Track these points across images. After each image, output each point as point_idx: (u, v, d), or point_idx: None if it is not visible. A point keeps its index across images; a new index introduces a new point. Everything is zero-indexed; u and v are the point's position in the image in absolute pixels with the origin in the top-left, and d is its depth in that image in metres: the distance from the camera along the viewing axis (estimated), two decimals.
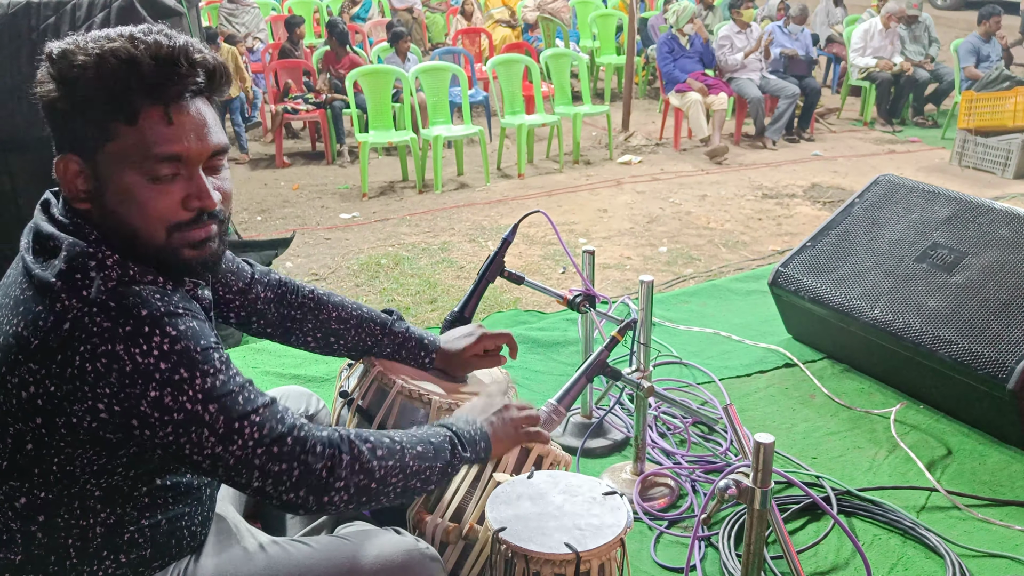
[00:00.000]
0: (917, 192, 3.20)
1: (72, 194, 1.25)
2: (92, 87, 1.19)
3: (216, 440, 1.22)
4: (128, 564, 1.34)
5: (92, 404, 1.17)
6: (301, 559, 1.48)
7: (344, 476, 1.31)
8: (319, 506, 1.31)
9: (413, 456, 1.41)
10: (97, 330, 1.15)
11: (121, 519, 1.31)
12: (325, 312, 1.84)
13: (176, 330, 1.19)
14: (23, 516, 1.24)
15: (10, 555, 1.26)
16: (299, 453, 1.28)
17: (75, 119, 1.22)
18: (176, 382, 1.18)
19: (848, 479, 2.43)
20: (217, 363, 1.23)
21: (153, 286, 1.23)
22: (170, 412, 1.19)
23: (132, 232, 1.24)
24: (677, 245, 4.91)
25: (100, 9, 3.21)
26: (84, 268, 1.19)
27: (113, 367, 1.15)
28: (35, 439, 1.20)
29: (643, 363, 2.28)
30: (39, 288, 1.19)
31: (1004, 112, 6.53)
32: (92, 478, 1.25)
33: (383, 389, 1.92)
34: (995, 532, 2.22)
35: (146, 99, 1.20)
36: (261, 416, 1.26)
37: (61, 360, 1.15)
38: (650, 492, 2.37)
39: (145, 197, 1.22)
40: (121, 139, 1.20)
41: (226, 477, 1.26)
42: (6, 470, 1.23)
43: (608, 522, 1.56)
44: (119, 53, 1.19)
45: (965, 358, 2.59)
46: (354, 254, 4.85)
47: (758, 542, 1.55)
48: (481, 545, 1.78)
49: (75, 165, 1.23)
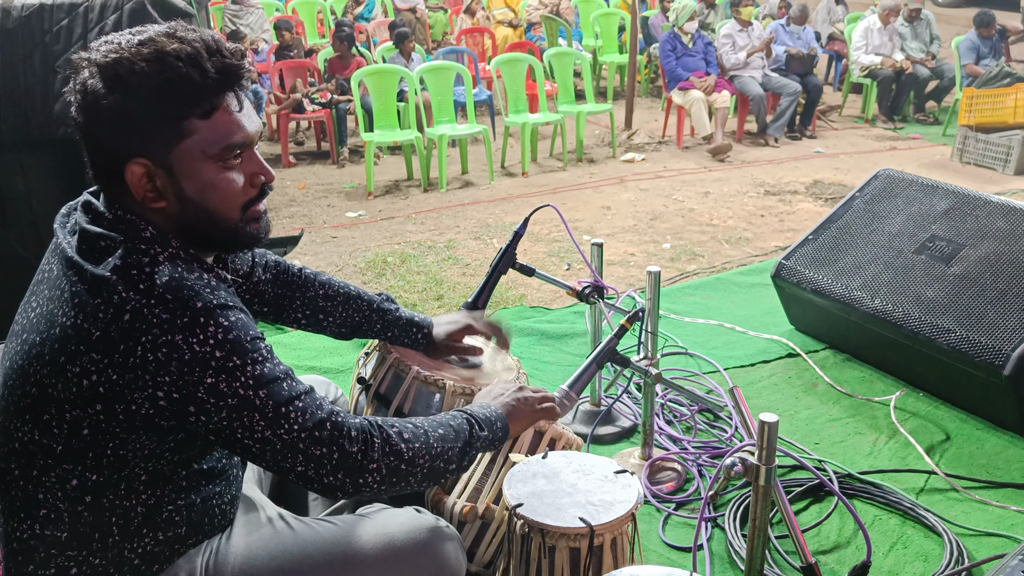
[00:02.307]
0: (916, 186, 3.27)
1: (143, 196, 1.29)
2: (163, 89, 1.24)
3: (265, 424, 1.29)
4: (165, 541, 1.41)
5: (152, 392, 1.23)
6: (327, 536, 1.55)
7: (377, 459, 1.38)
8: (355, 488, 1.38)
9: (436, 438, 1.48)
10: (157, 321, 1.22)
11: (161, 500, 1.38)
12: (312, 290, 1.90)
13: (228, 321, 1.27)
14: (72, 497, 1.31)
15: (56, 532, 1.33)
16: (337, 438, 1.35)
17: (142, 124, 1.25)
18: (230, 369, 1.25)
19: (850, 463, 2.50)
20: (264, 351, 1.31)
21: (200, 281, 1.29)
22: (224, 398, 1.26)
23: (210, 218, 1.33)
24: (680, 242, 4.97)
25: (112, 11, 3.27)
26: (139, 264, 1.26)
27: (173, 356, 1.22)
28: (92, 425, 1.26)
29: (651, 351, 2.36)
30: (94, 282, 1.24)
31: (1004, 108, 6.59)
32: (141, 462, 1.31)
33: (399, 375, 2.00)
34: (991, 512, 2.29)
35: (216, 93, 1.27)
36: (303, 402, 1.33)
37: (124, 350, 1.22)
38: (658, 476, 2.44)
39: (224, 183, 1.32)
40: (197, 134, 1.28)
41: (273, 462, 1.33)
42: (60, 454, 1.28)
43: (620, 498, 1.64)
44: (179, 53, 1.24)
45: (963, 346, 2.67)
46: (361, 252, 4.91)
47: (763, 518, 1.62)
48: (497, 524, 1.86)
49: (141, 168, 1.27)
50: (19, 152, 3.18)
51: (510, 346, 2.12)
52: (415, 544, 1.55)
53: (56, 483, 1.30)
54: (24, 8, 3.23)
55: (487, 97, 7.53)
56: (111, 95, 1.24)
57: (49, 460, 1.29)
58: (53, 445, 1.28)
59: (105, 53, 1.25)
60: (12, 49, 3.11)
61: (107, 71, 1.24)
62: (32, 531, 1.33)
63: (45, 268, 1.38)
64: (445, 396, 1.94)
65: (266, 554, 1.51)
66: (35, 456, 1.30)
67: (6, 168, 3.18)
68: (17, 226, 3.21)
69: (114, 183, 1.31)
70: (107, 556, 1.35)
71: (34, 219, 3.23)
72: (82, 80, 1.26)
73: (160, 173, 1.29)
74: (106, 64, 1.24)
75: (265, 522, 1.58)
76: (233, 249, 1.41)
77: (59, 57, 3.14)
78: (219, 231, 1.35)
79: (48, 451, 1.29)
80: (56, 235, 1.37)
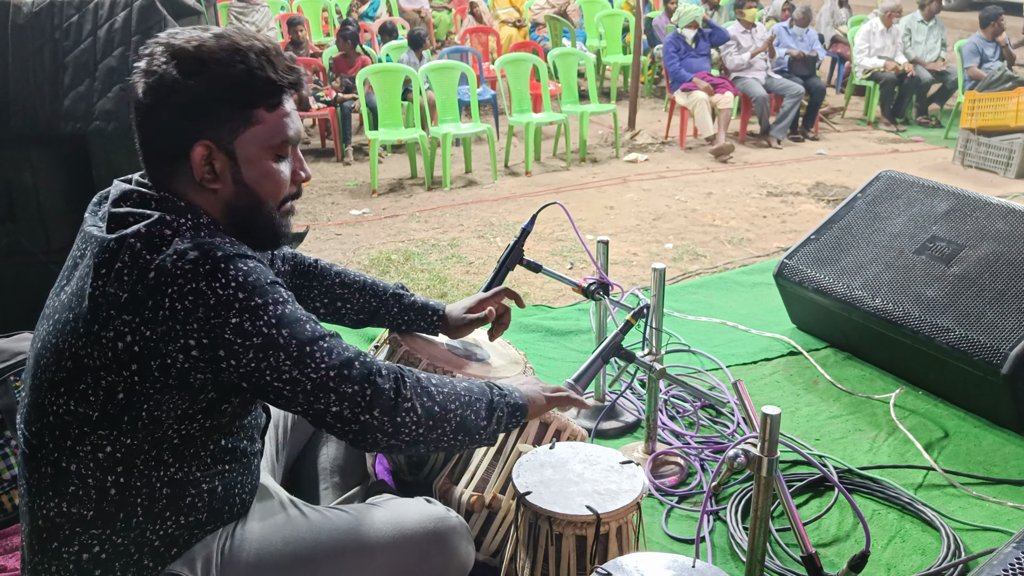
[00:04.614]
0: (917, 187, 3.31)
1: (201, 176, 1.37)
2: (241, 78, 1.34)
3: (292, 363, 1.33)
4: (186, 525, 1.45)
5: (184, 342, 1.28)
6: (339, 524, 1.59)
7: (410, 396, 1.42)
8: (394, 428, 1.41)
9: (462, 388, 1.53)
10: (180, 272, 1.27)
11: (186, 478, 1.42)
12: (329, 279, 1.96)
13: (247, 266, 1.32)
14: (103, 467, 1.35)
15: (83, 510, 1.37)
16: (368, 374, 1.39)
17: (215, 108, 1.35)
18: (252, 308, 1.30)
19: (849, 459, 2.54)
20: (284, 294, 1.36)
21: (221, 239, 1.35)
22: (250, 337, 1.30)
23: (257, 203, 1.42)
24: (683, 242, 5.00)
25: (122, 8, 3.30)
26: (161, 233, 1.32)
27: (199, 302, 1.27)
28: (127, 388, 1.31)
29: (655, 347, 2.40)
30: (117, 247, 1.30)
31: (1007, 112, 6.61)
32: (174, 423, 1.36)
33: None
34: (988, 508, 2.33)
35: (283, 91, 1.38)
36: (328, 343, 1.38)
37: (152, 305, 1.27)
38: (661, 470, 2.48)
39: (275, 173, 1.43)
40: (261, 124, 1.38)
41: (307, 405, 1.36)
42: (96, 420, 1.33)
43: (625, 488, 1.68)
44: (254, 49, 1.35)
45: (962, 345, 2.71)
46: (365, 250, 4.94)
47: (764, 508, 1.65)
48: (504, 513, 1.90)
49: (205, 150, 1.36)
50: (27, 147, 3.20)
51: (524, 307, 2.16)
52: (425, 533, 1.59)
53: (90, 452, 1.34)
54: (34, 4, 3.26)
55: (491, 96, 7.57)
56: (190, 79, 1.32)
57: (85, 428, 1.34)
58: (90, 413, 1.33)
59: (184, 40, 1.33)
60: (22, 44, 3.14)
61: (185, 56, 1.32)
62: (59, 508, 1.37)
63: (76, 255, 1.43)
64: None
65: (280, 540, 1.54)
66: (70, 426, 1.34)
67: (14, 162, 3.21)
68: (25, 220, 3.24)
69: (166, 164, 1.38)
70: (129, 536, 1.39)
71: (41, 214, 3.27)
72: (154, 64, 1.33)
73: (221, 156, 1.37)
74: (185, 49, 1.32)
75: (279, 510, 1.62)
76: (264, 240, 1.47)
77: (68, 53, 3.17)
78: (262, 217, 1.43)
79: (84, 419, 1.33)
80: (85, 221, 1.42)
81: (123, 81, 2.99)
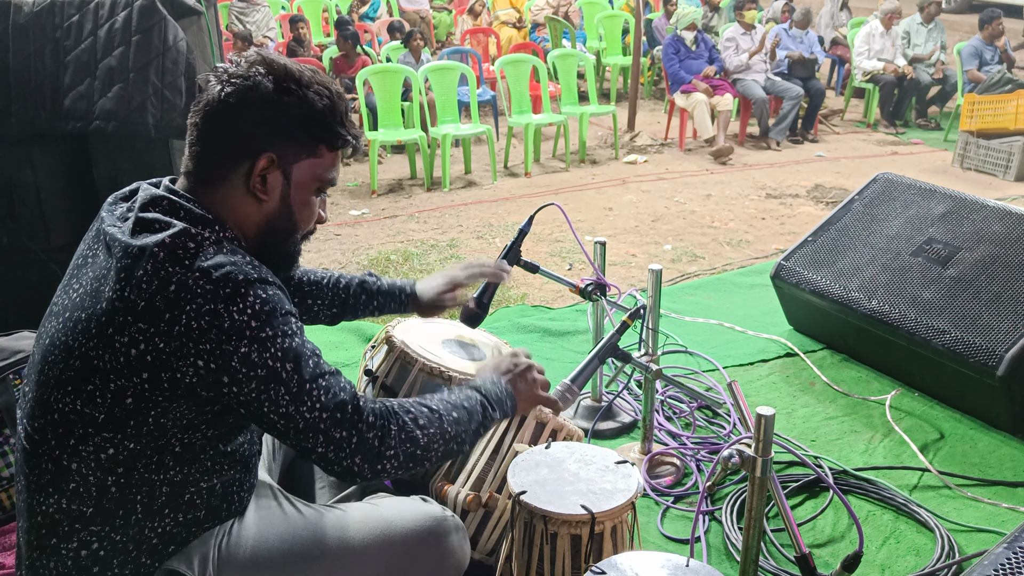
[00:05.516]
0: (914, 190, 3.32)
1: (254, 184, 1.44)
2: (323, 112, 1.46)
3: (290, 399, 1.35)
4: (184, 523, 1.46)
5: (194, 360, 1.30)
6: (336, 522, 1.60)
7: (394, 445, 1.44)
8: (373, 473, 1.43)
9: (450, 422, 1.53)
10: (200, 291, 1.29)
11: (186, 479, 1.43)
12: (295, 279, 1.95)
13: (266, 293, 1.34)
14: (105, 467, 1.36)
15: (82, 507, 1.38)
16: (356, 422, 1.40)
17: (293, 128, 1.44)
18: (262, 339, 1.32)
19: (845, 460, 2.55)
20: (295, 326, 1.38)
21: (243, 260, 1.37)
22: (255, 368, 1.32)
23: (294, 229, 1.52)
24: (681, 243, 5.01)
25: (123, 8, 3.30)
26: (185, 246, 1.33)
27: (214, 324, 1.29)
28: (136, 394, 1.32)
29: (652, 348, 2.41)
30: (139, 255, 1.32)
31: (1006, 115, 6.63)
32: (179, 432, 1.37)
33: (406, 367, 2.05)
34: (983, 509, 2.34)
35: (348, 142, 1.49)
36: (327, 381, 1.39)
37: (169, 319, 1.28)
38: (657, 470, 2.49)
39: (312, 206, 1.52)
40: (318, 158, 1.48)
41: (296, 441, 1.38)
42: (102, 423, 1.34)
43: (620, 487, 1.69)
44: (342, 97, 1.50)
45: (957, 347, 2.72)
46: (364, 250, 4.95)
47: (759, 508, 1.66)
48: (499, 513, 1.91)
49: (267, 161, 1.43)
50: (29, 146, 3.21)
51: (504, 277, 2.15)
52: (420, 532, 1.60)
53: (92, 452, 1.35)
54: (35, 4, 3.26)
55: (491, 97, 7.58)
56: (284, 95, 1.42)
57: (90, 429, 1.34)
58: (95, 414, 1.33)
59: (283, 62, 1.45)
60: (23, 44, 3.15)
61: (284, 75, 1.43)
62: (59, 505, 1.38)
63: (88, 253, 1.44)
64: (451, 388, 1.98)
65: (277, 538, 1.55)
66: (75, 426, 1.35)
67: (16, 161, 3.21)
68: (26, 219, 3.24)
69: (224, 164, 1.43)
70: (128, 533, 1.40)
71: (42, 212, 3.28)
72: (250, 72, 1.42)
73: (277, 173, 1.45)
74: (285, 68, 1.44)
75: (276, 508, 1.63)
76: (281, 264, 1.52)
77: (69, 53, 3.18)
78: (291, 242, 1.53)
79: (89, 420, 1.34)
80: (102, 220, 1.43)
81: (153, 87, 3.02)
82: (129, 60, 3.11)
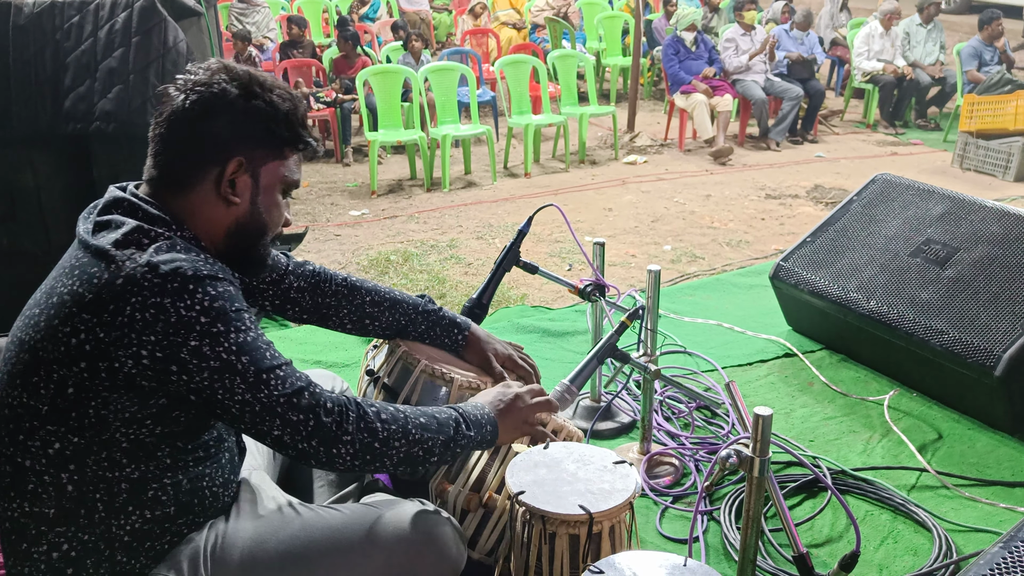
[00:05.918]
0: (912, 190, 3.33)
1: (224, 188, 1.48)
2: (286, 116, 1.51)
3: (246, 388, 1.38)
4: (154, 520, 1.47)
5: (136, 351, 1.32)
6: (333, 523, 1.61)
7: (351, 432, 1.46)
8: (328, 457, 1.46)
9: (416, 426, 1.54)
10: (148, 284, 1.32)
11: (144, 476, 1.44)
12: (359, 297, 2.01)
13: (215, 290, 1.37)
14: (55, 463, 1.38)
15: (44, 509, 1.39)
16: (313, 406, 1.44)
17: (261, 132, 1.50)
18: (214, 334, 1.35)
19: (843, 460, 2.56)
20: (248, 322, 1.41)
21: (195, 257, 1.39)
22: (207, 360, 1.35)
23: (263, 232, 1.56)
24: (681, 244, 5.02)
25: (123, 9, 3.31)
26: (138, 242, 1.37)
27: (160, 317, 1.32)
28: (76, 383, 1.34)
29: (650, 348, 2.41)
30: (95, 254, 1.36)
31: (1005, 115, 6.64)
32: (122, 426, 1.38)
33: (408, 368, 2.05)
34: (981, 509, 2.34)
35: (308, 144, 1.55)
36: (284, 371, 1.43)
37: (113, 310, 1.32)
38: (656, 470, 2.50)
39: (279, 209, 1.58)
40: (284, 161, 1.55)
41: (251, 424, 1.41)
42: (45, 414, 1.36)
43: (618, 487, 1.69)
44: (293, 93, 1.55)
45: (956, 347, 2.72)
46: (364, 250, 4.96)
47: (756, 508, 1.67)
48: (499, 513, 1.92)
49: (237, 164, 1.48)
50: (29, 147, 3.22)
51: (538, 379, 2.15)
52: (416, 534, 1.60)
53: (40, 447, 1.37)
54: (36, 5, 3.27)
55: (491, 98, 7.59)
56: (250, 100, 1.47)
57: (35, 422, 1.37)
58: (39, 406, 1.36)
59: (242, 69, 1.50)
60: (23, 45, 3.16)
61: (246, 79, 1.48)
62: (22, 509, 1.40)
63: (64, 260, 1.46)
64: (452, 390, 1.99)
65: (273, 538, 1.56)
66: (21, 420, 1.38)
67: (16, 163, 3.22)
68: (26, 221, 3.25)
69: (191, 170, 1.47)
70: (95, 532, 1.41)
71: (42, 214, 3.29)
72: (212, 79, 1.45)
73: (246, 177, 1.49)
74: (245, 75, 1.49)
75: (273, 507, 1.63)
76: (248, 267, 1.58)
77: (69, 54, 3.19)
78: (260, 245, 1.57)
79: (34, 413, 1.36)
80: (79, 225, 1.44)
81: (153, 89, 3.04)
82: (129, 61, 3.12)
